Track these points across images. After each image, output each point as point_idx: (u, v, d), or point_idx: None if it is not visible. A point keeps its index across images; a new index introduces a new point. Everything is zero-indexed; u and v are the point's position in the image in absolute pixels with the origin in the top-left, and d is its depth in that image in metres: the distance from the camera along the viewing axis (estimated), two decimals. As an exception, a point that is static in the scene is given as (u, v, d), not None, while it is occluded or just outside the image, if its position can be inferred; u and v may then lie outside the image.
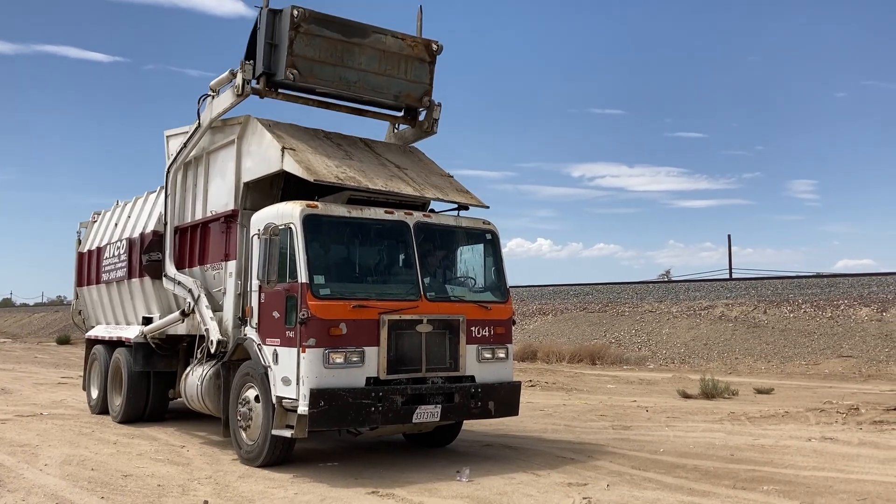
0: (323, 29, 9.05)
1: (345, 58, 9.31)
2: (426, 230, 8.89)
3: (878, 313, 22.06)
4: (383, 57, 9.57)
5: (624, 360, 23.61)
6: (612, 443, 9.97)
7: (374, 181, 8.96)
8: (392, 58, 9.63)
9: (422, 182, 9.52)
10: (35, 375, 21.71)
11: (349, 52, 9.30)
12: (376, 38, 9.42)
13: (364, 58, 9.42)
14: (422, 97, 10.01)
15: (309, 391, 7.53)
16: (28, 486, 7.43)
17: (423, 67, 9.92)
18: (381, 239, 8.97)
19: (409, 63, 9.78)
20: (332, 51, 9.20)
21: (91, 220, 14.95)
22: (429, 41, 9.84)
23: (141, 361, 11.57)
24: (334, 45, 9.21)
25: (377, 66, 9.55)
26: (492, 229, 9.45)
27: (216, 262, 9.95)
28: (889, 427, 10.84)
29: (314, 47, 9.01)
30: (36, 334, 53.37)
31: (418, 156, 10.60)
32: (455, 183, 10.06)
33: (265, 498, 6.96)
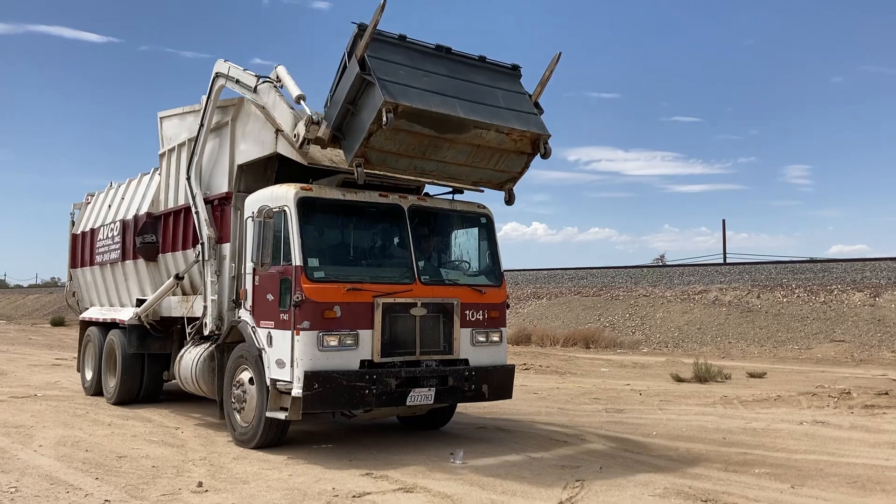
0: (413, 124, 7.54)
1: (428, 152, 7.98)
2: (421, 213, 8.87)
3: (871, 298, 22.17)
4: (476, 151, 8.12)
5: (618, 344, 23.70)
6: (605, 426, 10.02)
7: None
8: (486, 152, 8.19)
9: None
10: (29, 357, 21.69)
11: (436, 146, 7.94)
12: (476, 134, 7.89)
13: (452, 152, 8.05)
14: (505, 184, 8.74)
15: (303, 373, 7.55)
16: (22, 467, 7.43)
17: (521, 159, 8.47)
18: (376, 222, 8.95)
19: (505, 156, 8.35)
20: (416, 145, 7.84)
21: (85, 202, 14.83)
22: (538, 135, 8.23)
23: (135, 343, 11.57)
24: (421, 140, 7.80)
25: (464, 158, 8.17)
26: (486, 213, 9.44)
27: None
28: (880, 411, 10.92)
29: (396, 141, 7.61)
30: (30, 316, 53.29)
31: None
32: None
33: (260, 479, 6.98)
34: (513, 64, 8.67)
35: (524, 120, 8.19)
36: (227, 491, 6.55)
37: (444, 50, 8.15)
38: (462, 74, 8.15)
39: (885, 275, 23.57)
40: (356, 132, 7.69)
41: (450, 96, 7.77)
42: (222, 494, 6.43)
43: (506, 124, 7.99)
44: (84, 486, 6.67)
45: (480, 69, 8.39)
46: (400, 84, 7.43)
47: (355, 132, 7.71)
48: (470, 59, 8.38)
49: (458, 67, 8.19)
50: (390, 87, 7.31)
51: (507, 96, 8.32)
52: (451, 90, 7.86)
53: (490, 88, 8.23)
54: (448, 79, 7.98)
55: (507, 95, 8.33)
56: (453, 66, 8.16)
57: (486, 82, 8.28)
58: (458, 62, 8.25)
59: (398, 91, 7.35)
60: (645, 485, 6.80)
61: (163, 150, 11.50)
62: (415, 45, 7.99)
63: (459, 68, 8.20)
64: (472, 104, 7.88)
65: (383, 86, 7.25)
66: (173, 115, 11.36)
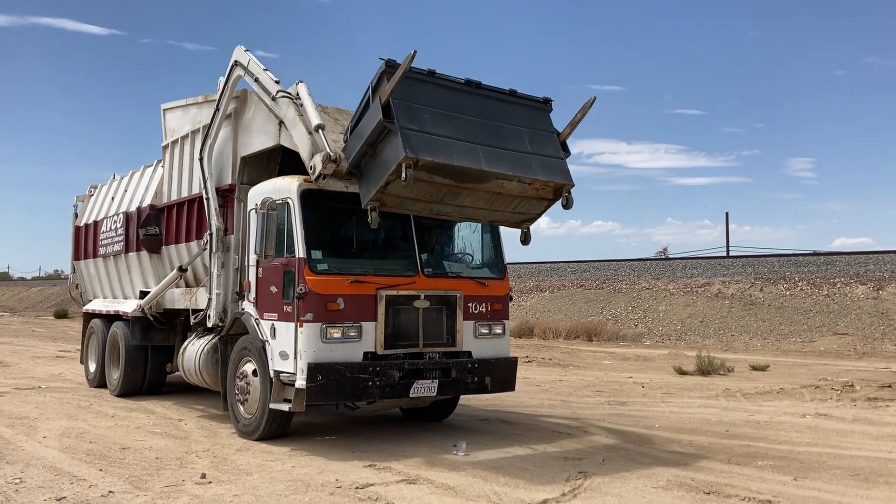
0: (434, 176, 7.29)
1: (447, 198, 7.76)
2: None
3: (875, 291, 22.13)
4: (496, 198, 7.89)
5: (620, 337, 23.70)
6: (607, 418, 10.03)
7: None
8: (506, 199, 7.94)
9: None
10: (33, 349, 21.76)
11: (455, 194, 7.70)
12: (497, 184, 7.63)
13: (471, 198, 7.82)
14: (522, 223, 8.54)
15: (307, 365, 7.56)
16: (27, 459, 7.46)
17: (541, 204, 8.23)
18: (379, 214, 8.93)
19: (525, 201, 8.09)
20: (434, 193, 7.61)
21: (88, 194, 14.85)
22: (562, 185, 7.95)
23: (138, 335, 11.61)
24: (440, 189, 7.56)
25: (483, 203, 7.95)
26: None
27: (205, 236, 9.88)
28: (883, 404, 10.91)
29: (415, 189, 7.35)
30: (33, 308, 53.42)
31: None
32: None
33: (263, 471, 7.00)
34: (544, 98, 8.32)
35: (548, 169, 7.87)
36: (230, 482, 6.57)
37: (473, 85, 7.84)
38: (490, 112, 7.81)
39: (889, 268, 23.52)
40: (374, 176, 7.46)
41: (474, 143, 7.44)
42: (225, 486, 6.44)
43: (529, 175, 7.68)
44: (88, 478, 6.70)
45: (509, 104, 8.05)
46: (423, 133, 7.14)
47: (373, 176, 7.48)
48: (499, 93, 8.05)
49: (486, 104, 7.85)
50: (413, 138, 7.02)
51: (535, 137, 7.99)
52: (476, 134, 7.53)
53: (517, 129, 7.91)
54: (474, 120, 7.64)
55: (535, 136, 8.00)
56: (481, 102, 7.82)
57: (514, 121, 7.94)
58: (487, 97, 7.90)
59: (420, 144, 7.03)
60: (648, 477, 6.81)
61: (166, 142, 11.45)
62: (443, 81, 7.65)
63: (488, 104, 7.86)
64: (495, 152, 7.55)
65: (405, 137, 6.97)
66: (176, 106, 11.32)
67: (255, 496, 6.11)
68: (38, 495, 6.11)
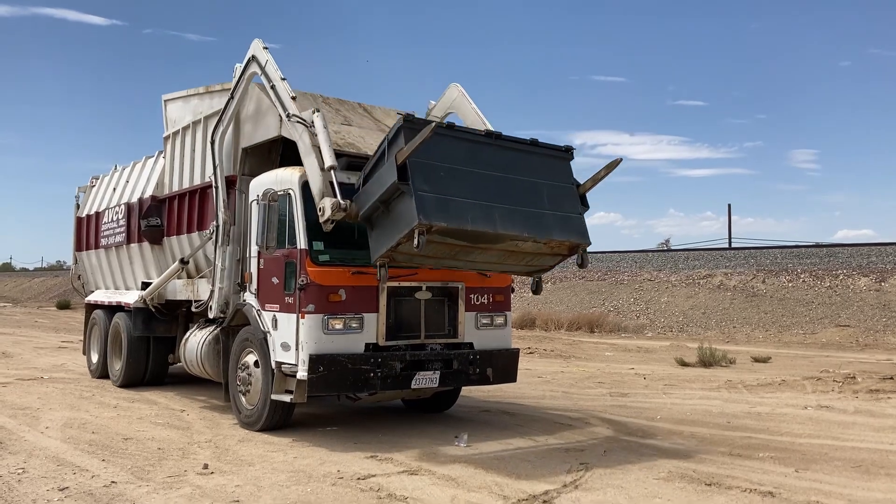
0: (447, 238, 7.10)
1: (459, 256, 7.58)
2: None
3: (877, 283, 22.11)
4: (509, 255, 7.73)
5: (622, 329, 23.70)
6: (609, 409, 10.04)
7: (372, 147, 8.75)
8: (519, 255, 7.78)
9: None
10: (35, 339, 21.81)
11: (468, 252, 7.53)
12: (512, 244, 7.47)
13: (484, 255, 7.67)
14: (533, 273, 8.38)
15: (308, 356, 7.55)
16: (30, 449, 7.48)
17: (555, 259, 8.14)
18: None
19: (538, 257, 7.94)
20: (446, 252, 7.44)
21: (89, 185, 14.85)
22: (578, 244, 7.81)
23: (140, 326, 11.62)
24: (452, 248, 7.38)
25: (496, 259, 7.81)
26: None
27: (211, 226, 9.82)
28: (885, 396, 10.91)
29: (426, 249, 7.05)
30: (36, 299, 53.52)
31: None
32: None
33: (265, 461, 7.02)
34: (566, 146, 8.11)
35: (564, 227, 7.67)
36: (232, 473, 6.58)
37: (493, 136, 7.68)
38: (509, 164, 7.57)
39: (891, 259, 23.48)
40: (385, 233, 7.26)
41: (490, 202, 7.23)
42: (227, 476, 6.46)
43: (545, 236, 7.50)
44: (91, 468, 6.71)
45: (530, 154, 7.83)
46: (438, 196, 6.91)
47: (384, 232, 7.28)
48: (520, 144, 7.82)
49: (506, 156, 7.61)
50: (427, 203, 6.78)
51: (553, 190, 7.76)
52: (493, 191, 7.31)
53: (536, 182, 7.67)
54: (492, 175, 7.40)
55: (554, 189, 7.76)
56: (501, 154, 7.59)
57: (534, 172, 7.70)
58: (508, 149, 7.68)
59: (434, 209, 6.82)
60: (649, 468, 6.82)
61: (167, 133, 11.44)
62: (462, 135, 7.51)
63: (507, 156, 7.62)
64: (512, 211, 7.33)
65: (420, 202, 6.74)
66: (178, 97, 11.30)
67: (256, 487, 6.13)
68: (41, 485, 6.13)
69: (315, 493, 5.97)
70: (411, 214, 6.76)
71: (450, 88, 10.22)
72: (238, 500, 5.73)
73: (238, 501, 5.71)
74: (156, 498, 5.79)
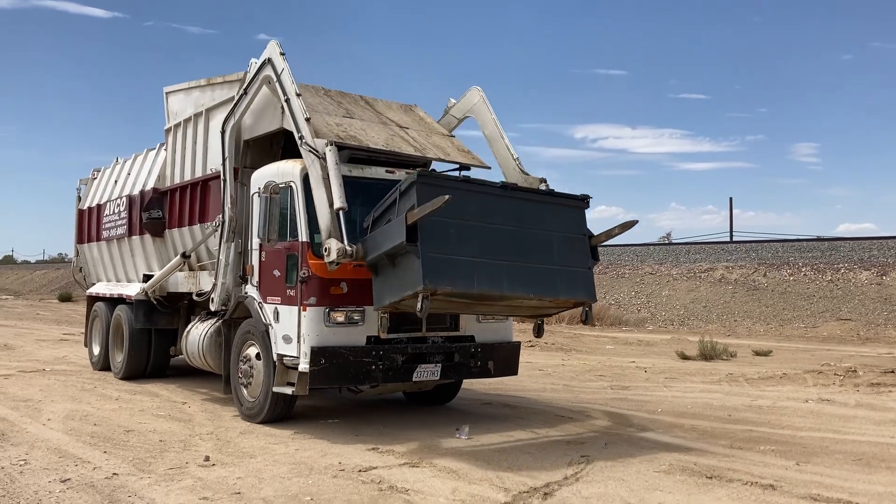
0: (452, 297, 7.14)
1: (463, 308, 7.84)
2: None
3: (878, 277, 22.09)
4: (513, 309, 7.92)
5: (623, 322, 23.71)
6: (610, 402, 10.04)
7: (374, 140, 8.83)
8: (522, 308, 7.94)
9: (423, 142, 9.41)
10: (37, 332, 21.83)
11: (471, 307, 7.74)
12: (517, 301, 7.53)
13: (488, 308, 7.87)
14: (536, 318, 8.47)
15: (310, 349, 7.55)
16: (31, 441, 7.50)
17: (558, 309, 8.30)
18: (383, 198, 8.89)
19: (542, 308, 8.05)
20: (449, 306, 7.60)
21: (91, 177, 14.83)
22: (583, 301, 7.85)
23: (142, 318, 11.61)
24: (457, 305, 7.56)
25: (499, 310, 8.05)
26: None
27: (216, 219, 9.78)
28: (886, 389, 10.91)
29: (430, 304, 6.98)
30: (37, 291, 53.56)
31: (419, 114, 10.47)
32: (457, 143, 9.96)
33: (266, 453, 7.03)
34: (583, 195, 7.94)
35: (571, 284, 7.63)
36: (233, 465, 6.59)
37: (508, 188, 7.56)
38: (522, 216, 7.43)
39: (893, 253, 23.46)
40: (389, 284, 7.18)
41: (499, 260, 7.15)
42: (229, 468, 6.47)
43: (550, 295, 7.52)
44: (92, 460, 6.73)
45: (544, 204, 7.73)
46: (445, 258, 6.80)
47: (389, 283, 7.20)
48: (535, 196, 7.77)
49: (519, 207, 7.47)
50: (433, 266, 6.68)
51: (565, 242, 7.65)
52: (503, 248, 7.21)
53: (548, 234, 7.57)
54: (504, 230, 7.28)
55: (565, 241, 7.66)
56: (515, 206, 7.45)
57: (547, 223, 7.57)
58: (522, 200, 7.56)
59: (440, 274, 6.73)
60: (650, 461, 6.82)
61: (168, 126, 11.42)
62: (476, 188, 7.33)
63: (521, 208, 7.48)
64: (520, 269, 7.27)
65: (426, 266, 6.63)
66: (179, 90, 11.27)
67: (258, 479, 6.14)
68: (43, 477, 6.14)
69: (316, 484, 5.98)
70: (417, 277, 6.67)
71: (471, 91, 10.13)
72: (239, 492, 5.74)
73: (239, 493, 5.72)
74: (157, 490, 5.80)
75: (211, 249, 9.90)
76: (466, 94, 10.23)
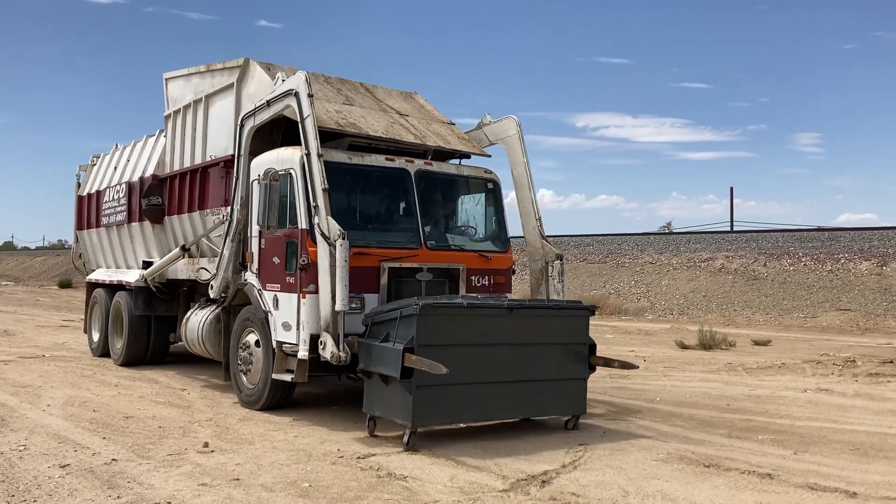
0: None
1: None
2: (427, 178, 8.78)
3: (878, 267, 22.07)
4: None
5: (623, 311, 23.73)
6: (609, 391, 10.06)
7: (374, 128, 8.80)
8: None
9: (423, 129, 9.40)
10: (37, 318, 21.86)
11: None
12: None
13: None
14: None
15: (309, 336, 7.53)
16: (31, 426, 7.51)
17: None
18: (382, 186, 8.88)
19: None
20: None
21: (90, 164, 14.83)
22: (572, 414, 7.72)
23: (141, 305, 11.65)
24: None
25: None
26: (493, 178, 9.38)
27: (216, 207, 9.86)
28: (884, 379, 10.93)
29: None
30: (37, 278, 53.60)
31: (420, 102, 10.46)
32: (457, 130, 9.95)
33: (265, 440, 7.04)
34: (592, 307, 7.77)
35: (560, 399, 7.56)
36: (232, 451, 6.61)
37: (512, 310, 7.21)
38: (524, 332, 7.24)
39: (893, 244, 23.42)
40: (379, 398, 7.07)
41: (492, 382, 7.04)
42: (228, 455, 6.48)
43: (540, 415, 7.68)
44: (91, 446, 6.74)
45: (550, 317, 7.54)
46: (438, 388, 6.66)
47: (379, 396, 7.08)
48: (542, 311, 7.59)
49: (522, 323, 7.25)
50: (425, 402, 6.64)
51: (562, 353, 7.49)
52: (497, 371, 7.06)
53: (547, 346, 7.40)
54: (501, 351, 7.09)
55: (562, 352, 7.49)
56: (518, 323, 7.22)
57: (547, 336, 7.40)
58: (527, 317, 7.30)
59: (430, 410, 6.73)
60: (648, 449, 6.83)
61: (168, 112, 11.41)
62: (481, 311, 7.07)
63: (524, 324, 7.26)
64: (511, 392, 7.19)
65: (417, 404, 6.60)
66: (179, 76, 11.25)
67: (256, 465, 6.15)
68: (43, 462, 6.16)
69: (315, 471, 5.99)
70: (406, 413, 6.66)
71: (508, 120, 9.73)
72: (238, 479, 5.75)
73: (238, 480, 5.73)
74: (156, 476, 5.82)
75: (212, 239, 9.90)
76: (503, 120, 9.81)
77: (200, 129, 10.46)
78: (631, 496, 5.45)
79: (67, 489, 5.46)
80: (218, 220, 9.62)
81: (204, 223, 10.17)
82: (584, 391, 7.70)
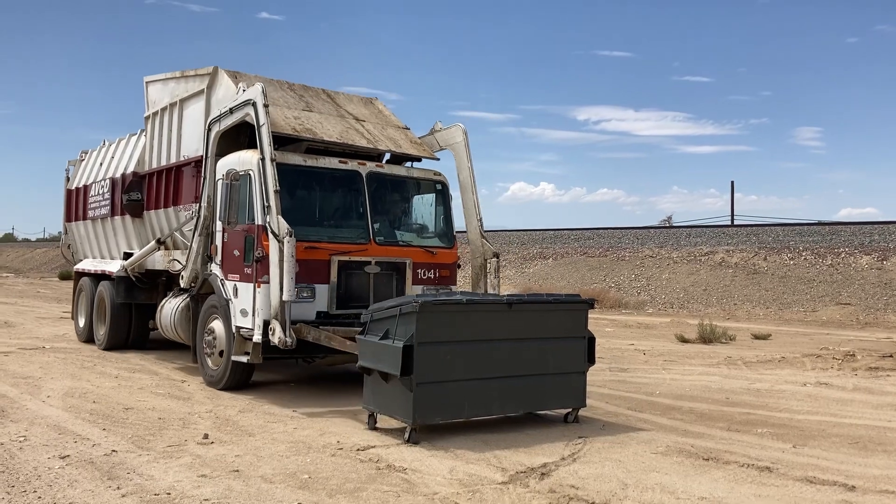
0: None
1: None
2: (378, 179, 9.47)
3: (879, 262, 22.06)
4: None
5: (623, 305, 23.73)
6: (608, 384, 10.06)
7: (329, 133, 9.48)
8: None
9: (377, 134, 10.08)
10: (37, 309, 21.89)
11: None
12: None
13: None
14: None
15: (262, 322, 8.12)
16: (31, 417, 7.52)
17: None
18: (336, 186, 9.50)
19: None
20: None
21: (79, 159, 15.76)
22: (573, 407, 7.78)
23: (123, 294, 12.30)
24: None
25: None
26: (442, 180, 10.12)
27: (188, 203, 10.47)
28: (884, 373, 10.93)
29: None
30: (38, 269, 53.57)
31: (378, 108, 11.17)
32: (410, 135, 10.69)
33: (265, 432, 7.05)
34: (591, 300, 7.82)
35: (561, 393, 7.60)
36: (232, 443, 6.61)
37: (511, 305, 7.23)
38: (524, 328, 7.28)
39: (894, 238, 23.40)
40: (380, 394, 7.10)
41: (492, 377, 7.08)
42: (227, 446, 6.49)
43: (540, 409, 7.71)
44: (91, 437, 6.75)
45: (549, 312, 7.56)
46: (438, 384, 6.74)
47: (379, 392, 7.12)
48: (541, 306, 7.56)
49: (522, 318, 7.28)
50: (425, 399, 6.68)
51: (561, 347, 7.52)
52: (497, 366, 7.10)
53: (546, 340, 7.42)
54: (501, 346, 7.14)
55: (562, 345, 7.53)
56: (517, 318, 7.25)
57: (546, 330, 7.42)
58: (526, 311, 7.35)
59: (430, 405, 6.76)
60: (647, 442, 6.84)
61: (148, 113, 12.03)
62: (480, 307, 7.13)
63: (523, 319, 7.30)
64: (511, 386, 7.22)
65: (418, 401, 6.63)
66: (158, 80, 11.85)
67: (256, 457, 6.16)
68: (43, 453, 6.16)
69: (314, 463, 6.00)
70: (407, 410, 6.68)
71: (455, 128, 10.59)
72: (237, 470, 5.76)
73: (238, 471, 5.74)
74: (156, 467, 5.82)
75: (184, 233, 10.47)
76: (452, 127, 10.67)
77: (175, 130, 11.04)
78: (630, 489, 5.45)
79: (67, 480, 5.46)
80: (189, 215, 10.25)
81: (177, 218, 10.78)
82: (584, 384, 7.75)
